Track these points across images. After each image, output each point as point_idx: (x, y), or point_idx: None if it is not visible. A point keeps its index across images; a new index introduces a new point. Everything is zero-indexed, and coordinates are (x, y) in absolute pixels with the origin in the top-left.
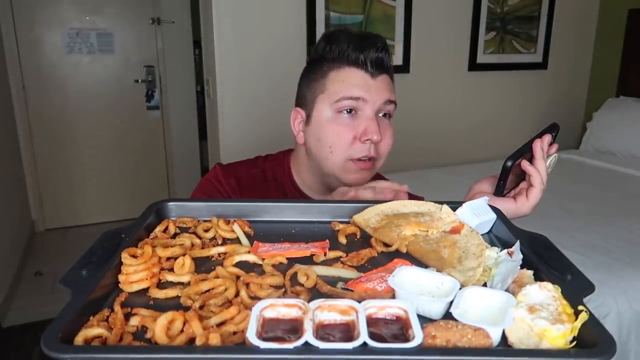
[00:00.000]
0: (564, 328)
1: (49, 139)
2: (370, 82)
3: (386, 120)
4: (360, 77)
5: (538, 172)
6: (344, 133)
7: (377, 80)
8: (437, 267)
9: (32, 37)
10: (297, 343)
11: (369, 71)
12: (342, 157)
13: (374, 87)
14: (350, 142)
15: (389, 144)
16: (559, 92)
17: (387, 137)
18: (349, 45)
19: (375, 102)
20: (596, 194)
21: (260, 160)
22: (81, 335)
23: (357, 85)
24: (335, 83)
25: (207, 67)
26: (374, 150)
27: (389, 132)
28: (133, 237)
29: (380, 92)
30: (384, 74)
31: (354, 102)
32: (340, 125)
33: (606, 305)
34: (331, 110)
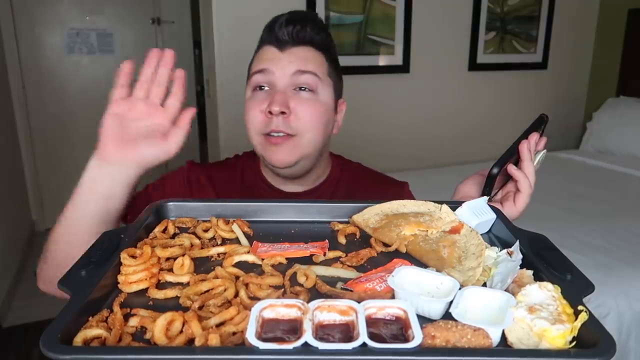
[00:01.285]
0: (564, 328)
1: (49, 139)
2: (278, 55)
3: (304, 94)
4: (269, 51)
5: (526, 177)
6: (254, 108)
7: (287, 53)
8: (436, 267)
9: (32, 37)
10: (297, 343)
11: (276, 45)
12: (255, 134)
13: (283, 60)
14: (258, 116)
15: (308, 118)
16: (559, 92)
17: (302, 109)
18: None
19: (284, 73)
20: (596, 194)
21: (235, 158)
22: (80, 336)
23: (265, 59)
24: (253, 63)
25: (207, 67)
26: (284, 124)
27: (306, 104)
28: (132, 237)
29: (289, 63)
30: (298, 46)
31: (261, 76)
32: (252, 100)
33: (606, 305)
34: (250, 91)
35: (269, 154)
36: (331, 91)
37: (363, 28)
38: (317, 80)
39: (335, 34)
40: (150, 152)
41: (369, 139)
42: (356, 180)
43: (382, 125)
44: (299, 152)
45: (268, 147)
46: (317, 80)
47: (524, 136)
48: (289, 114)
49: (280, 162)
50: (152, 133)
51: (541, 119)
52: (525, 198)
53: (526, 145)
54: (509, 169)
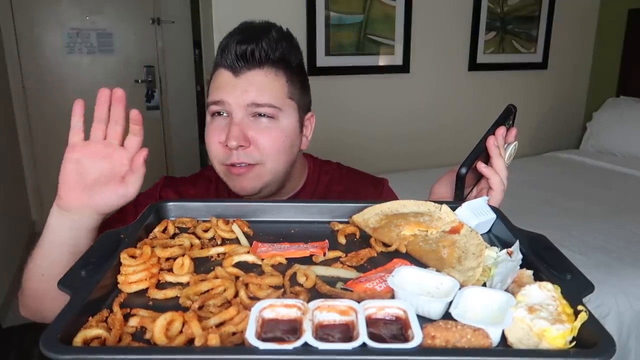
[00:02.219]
0: (564, 328)
1: (49, 139)
2: (232, 81)
3: (263, 121)
4: (224, 77)
5: (496, 174)
6: (212, 137)
7: (241, 78)
8: (436, 267)
9: (32, 37)
10: (297, 343)
11: (231, 69)
12: (217, 163)
13: (239, 89)
14: (218, 147)
15: (269, 146)
16: (559, 92)
17: (261, 139)
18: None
19: (239, 104)
20: (596, 194)
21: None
22: (80, 336)
23: (220, 87)
24: (210, 87)
25: (207, 67)
26: (245, 156)
27: (265, 134)
28: (132, 237)
29: (244, 93)
30: (253, 70)
31: (217, 106)
32: (211, 128)
33: (606, 305)
34: (209, 115)
35: (232, 183)
36: (294, 113)
37: (363, 28)
38: (276, 111)
39: (335, 34)
40: (108, 198)
41: (368, 139)
42: (333, 181)
43: (382, 125)
44: (262, 180)
45: (230, 177)
46: (275, 110)
47: (490, 131)
48: (247, 146)
49: (245, 191)
50: (111, 177)
51: (509, 110)
52: (498, 195)
53: (493, 141)
54: (478, 166)
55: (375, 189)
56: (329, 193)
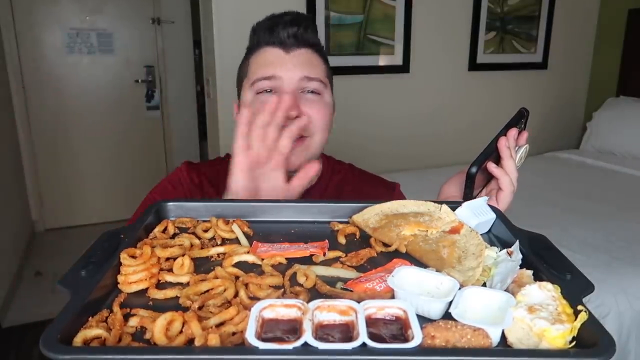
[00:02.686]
0: (564, 328)
1: (48, 139)
2: (284, 57)
3: (312, 96)
4: (273, 53)
5: (506, 174)
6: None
7: (292, 55)
8: (436, 267)
9: (32, 37)
10: (297, 343)
11: (282, 47)
12: None
13: (290, 63)
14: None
15: (318, 120)
16: (559, 92)
17: (312, 112)
18: (265, 24)
19: (292, 79)
20: (596, 194)
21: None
22: (80, 336)
23: (270, 63)
24: (253, 66)
25: (207, 67)
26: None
27: (315, 107)
28: (132, 237)
29: (296, 68)
30: (301, 48)
31: (268, 82)
32: (259, 104)
33: (606, 305)
34: (251, 93)
35: None
36: (331, 93)
37: (363, 28)
38: (323, 86)
39: (335, 34)
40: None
41: (368, 139)
42: (345, 181)
43: (382, 125)
44: (308, 154)
45: None
46: (322, 86)
47: (502, 132)
48: (301, 117)
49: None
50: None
51: (521, 113)
52: (507, 196)
53: (504, 142)
54: (488, 166)
55: (386, 192)
56: (340, 193)
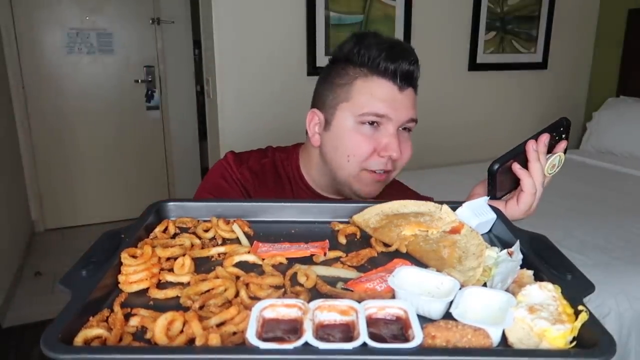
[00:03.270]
0: (564, 328)
1: (48, 139)
2: (397, 96)
3: (406, 134)
4: (388, 90)
5: (528, 176)
6: (365, 145)
7: (404, 95)
8: (437, 267)
9: (32, 37)
10: (297, 343)
11: (397, 84)
12: (358, 168)
13: (400, 103)
14: (369, 154)
15: (407, 158)
16: (559, 92)
17: (405, 151)
18: (381, 53)
19: (400, 120)
20: (596, 194)
21: (270, 151)
22: (81, 335)
23: (383, 100)
24: (362, 94)
25: (207, 67)
26: (391, 164)
27: (408, 146)
28: (133, 237)
29: (404, 110)
30: (411, 88)
31: (377, 119)
32: (362, 136)
33: (606, 305)
34: (353, 121)
35: (362, 186)
36: None
37: (363, 28)
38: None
39: (335, 34)
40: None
41: None
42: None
43: None
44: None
45: (367, 182)
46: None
47: (535, 136)
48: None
49: (372, 195)
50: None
51: (560, 122)
52: (527, 197)
53: (532, 144)
54: (512, 166)
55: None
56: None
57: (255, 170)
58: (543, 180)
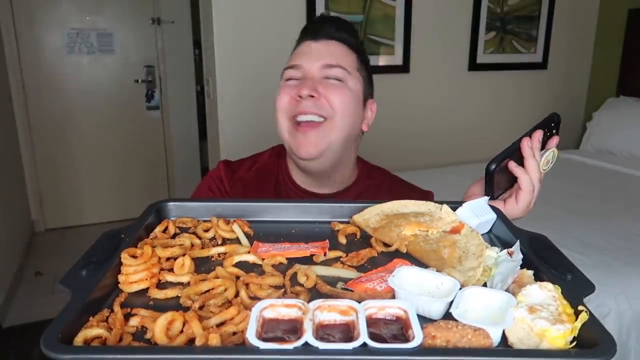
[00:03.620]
0: (564, 328)
1: (49, 139)
2: (312, 46)
3: (333, 81)
4: (304, 45)
5: (525, 174)
6: (282, 95)
7: (320, 44)
8: (437, 267)
9: (32, 37)
10: (297, 343)
11: (311, 38)
12: (284, 118)
13: (314, 51)
14: (287, 99)
15: (337, 102)
16: (558, 92)
17: (331, 93)
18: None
19: (312, 66)
20: (596, 194)
21: (264, 155)
22: (81, 335)
23: (298, 54)
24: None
25: (207, 67)
26: (314, 105)
27: (336, 90)
28: (133, 237)
29: (319, 56)
30: (331, 40)
31: (293, 71)
32: (283, 88)
33: (606, 305)
34: (283, 82)
35: (296, 142)
36: (360, 86)
37: (363, 28)
38: (346, 73)
39: None
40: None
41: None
42: (380, 187)
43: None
44: (327, 139)
45: (296, 135)
46: (345, 73)
47: (528, 134)
48: (318, 97)
49: (307, 153)
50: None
51: (551, 118)
52: (525, 195)
53: (527, 142)
54: (509, 165)
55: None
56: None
57: (246, 180)
58: (540, 176)
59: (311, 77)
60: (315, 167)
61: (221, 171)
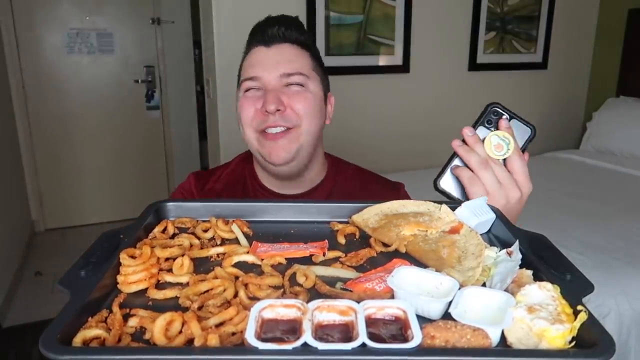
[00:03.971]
0: (563, 328)
1: (49, 139)
2: (266, 54)
3: (294, 87)
4: (258, 52)
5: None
6: (246, 107)
7: (273, 51)
8: (436, 267)
9: (32, 37)
10: (296, 344)
11: (264, 44)
12: (253, 132)
13: (271, 60)
14: (253, 114)
15: (302, 109)
16: (559, 92)
17: (295, 102)
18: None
19: (273, 76)
20: (596, 194)
21: (233, 163)
22: (79, 336)
23: (254, 63)
24: (244, 67)
25: (207, 67)
26: (281, 119)
27: (299, 97)
28: (132, 237)
29: (275, 67)
30: (283, 43)
31: (252, 82)
32: (245, 100)
33: (606, 305)
34: (241, 92)
35: (267, 150)
36: (319, 85)
37: (363, 28)
38: (305, 78)
39: (335, 34)
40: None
41: (368, 139)
42: (352, 182)
43: (382, 125)
44: (297, 142)
45: (266, 144)
46: (304, 78)
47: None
48: (284, 110)
49: (279, 158)
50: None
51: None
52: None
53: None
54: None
55: (392, 193)
56: (348, 193)
57: (216, 190)
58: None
59: (272, 89)
60: (287, 170)
61: (191, 184)
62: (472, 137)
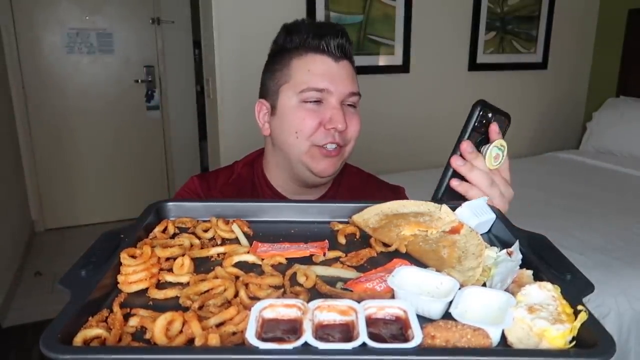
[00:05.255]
0: (564, 328)
1: (48, 139)
2: (334, 68)
3: (351, 109)
4: (323, 63)
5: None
6: (309, 119)
7: (340, 66)
8: (436, 267)
9: (32, 37)
10: (297, 343)
11: (331, 56)
12: (307, 143)
13: (338, 76)
14: (315, 128)
15: (356, 131)
16: (559, 92)
17: (352, 124)
18: (309, 31)
19: (341, 92)
20: (596, 194)
21: (236, 166)
22: (80, 336)
23: (321, 75)
24: (300, 72)
25: (207, 67)
26: (339, 137)
27: (355, 119)
28: (132, 237)
29: (344, 83)
30: (346, 60)
31: (319, 94)
32: (306, 111)
33: (606, 305)
34: (297, 99)
35: (316, 163)
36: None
37: (363, 28)
38: (358, 99)
39: None
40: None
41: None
42: (354, 186)
43: (382, 125)
44: (341, 160)
45: (319, 158)
46: (358, 99)
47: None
48: (345, 130)
49: (327, 172)
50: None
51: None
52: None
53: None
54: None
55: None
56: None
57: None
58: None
59: (337, 106)
60: (323, 181)
61: (197, 186)
62: (473, 154)
